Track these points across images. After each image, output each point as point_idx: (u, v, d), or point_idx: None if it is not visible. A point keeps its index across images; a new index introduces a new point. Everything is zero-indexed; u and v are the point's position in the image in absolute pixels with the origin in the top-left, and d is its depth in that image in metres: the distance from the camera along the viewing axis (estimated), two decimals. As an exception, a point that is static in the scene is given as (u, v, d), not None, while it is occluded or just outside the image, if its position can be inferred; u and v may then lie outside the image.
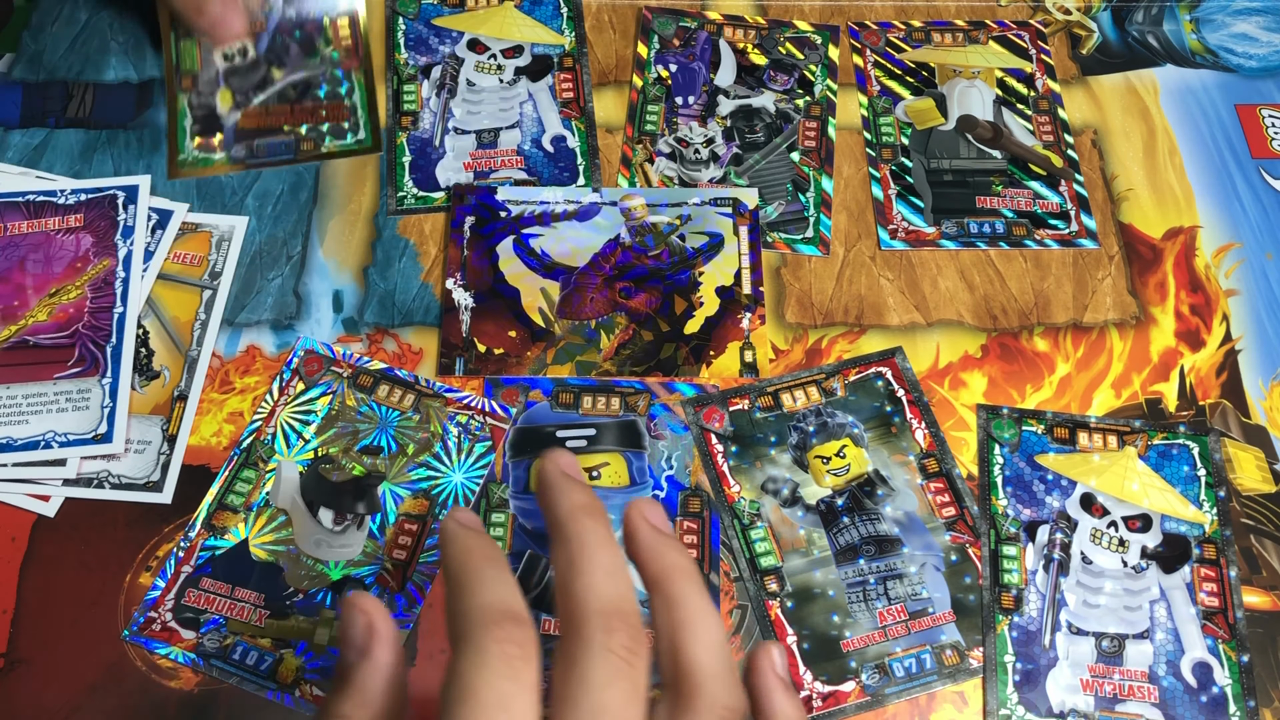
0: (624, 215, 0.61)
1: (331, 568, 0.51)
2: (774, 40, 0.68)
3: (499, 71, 0.66)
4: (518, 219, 0.60)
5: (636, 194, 0.61)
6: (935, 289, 0.60)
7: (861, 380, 0.56)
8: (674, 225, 0.60)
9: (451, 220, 0.60)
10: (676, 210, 0.61)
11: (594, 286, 0.59)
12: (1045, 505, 0.53)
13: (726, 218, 0.61)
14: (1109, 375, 0.58)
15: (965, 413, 0.56)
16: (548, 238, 0.60)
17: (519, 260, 0.59)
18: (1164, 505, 0.53)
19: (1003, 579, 0.51)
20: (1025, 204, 0.63)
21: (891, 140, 0.65)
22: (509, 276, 0.59)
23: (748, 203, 0.61)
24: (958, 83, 0.67)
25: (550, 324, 0.58)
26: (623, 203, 0.61)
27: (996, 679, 0.49)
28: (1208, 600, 0.51)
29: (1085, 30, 0.70)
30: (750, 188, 0.62)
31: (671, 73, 0.67)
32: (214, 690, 0.48)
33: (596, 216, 0.61)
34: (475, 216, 0.60)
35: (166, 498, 0.52)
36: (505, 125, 0.64)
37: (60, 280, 0.57)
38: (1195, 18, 0.71)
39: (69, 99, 0.65)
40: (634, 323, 0.58)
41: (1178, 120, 0.66)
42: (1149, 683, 0.49)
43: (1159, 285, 0.61)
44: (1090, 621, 0.50)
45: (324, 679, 0.48)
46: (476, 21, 0.68)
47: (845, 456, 0.54)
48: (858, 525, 0.52)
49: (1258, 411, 0.57)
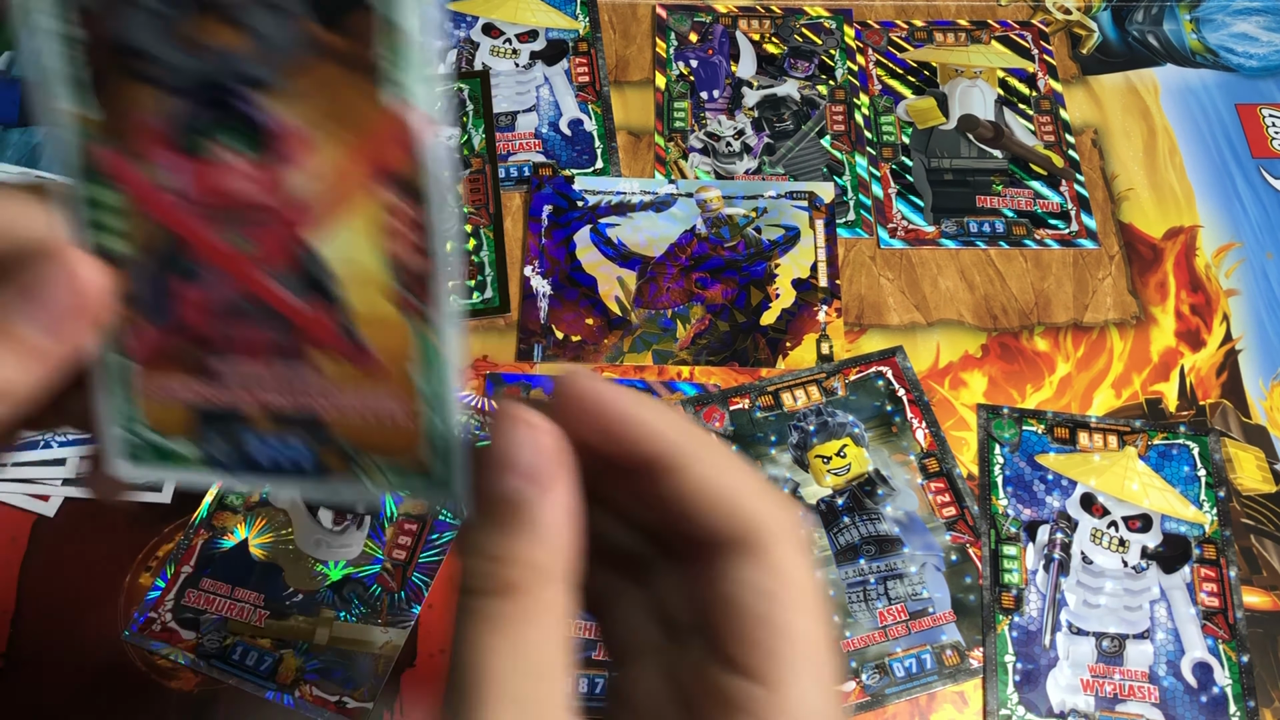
0: (700, 207, 0.61)
1: (331, 568, 0.51)
2: (789, 28, 0.68)
3: (514, 56, 0.66)
4: (594, 208, 0.61)
5: (713, 186, 0.62)
6: (935, 288, 0.60)
7: (862, 380, 0.56)
8: (750, 218, 0.61)
9: (529, 208, 0.61)
10: (753, 203, 0.61)
11: (670, 276, 0.59)
12: (1045, 505, 0.53)
13: (803, 211, 0.61)
14: (1109, 375, 0.58)
15: (966, 412, 0.56)
16: (624, 227, 0.61)
17: (596, 249, 0.60)
18: (1164, 505, 0.53)
19: (1003, 579, 0.51)
20: (1026, 203, 0.63)
21: (892, 139, 0.65)
22: (585, 265, 0.60)
23: (824, 197, 0.61)
24: (959, 82, 0.67)
25: (627, 312, 0.58)
26: (699, 194, 0.61)
27: (997, 679, 0.49)
28: (1208, 600, 0.51)
29: (1085, 30, 0.70)
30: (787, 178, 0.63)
31: (693, 68, 0.67)
32: (214, 690, 0.48)
33: (673, 208, 0.61)
34: (553, 205, 0.61)
35: (166, 497, 0.52)
36: (522, 109, 0.65)
37: (60, 279, 0.57)
38: (1195, 17, 0.71)
39: (68, 98, 0.65)
40: (710, 313, 0.58)
41: (1178, 120, 0.66)
42: (1149, 683, 0.49)
43: (1159, 285, 0.61)
44: (1090, 621, 0.50)
45: (323, 680, 0.48)
46: (491, 6, 0.68)
47: (846, 456, 0.54)
48: (858, 525, 0.52)
49: (1258, 411, 0.57)
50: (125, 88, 0.27)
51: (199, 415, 0.29)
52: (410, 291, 0.27)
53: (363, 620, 0.49)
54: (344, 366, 0.28)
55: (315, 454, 0.29)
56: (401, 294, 0.27)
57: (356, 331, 0.28)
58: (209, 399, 0.29)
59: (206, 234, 0.27)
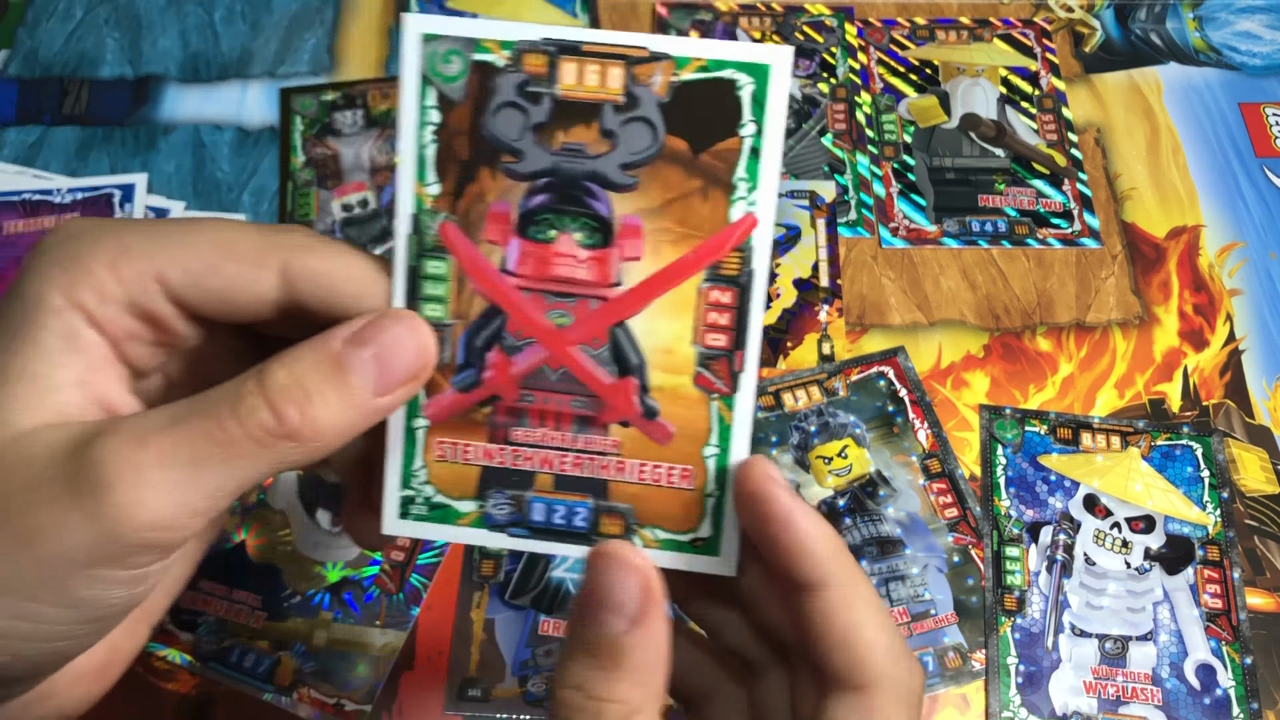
0: None
1: (330, 569, 0.50)
2: (791, 26, 0.68)
3: None
4: None
5: None
6: (937, 288, 0.60)
7: (864, 380, 0.56)
8: None
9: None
10: None
11: None
12: (1048, 506, 0.53)
13: (804, 210, 0.61)
14: (1112, 375, 0.57)
15: (968, 413, 0.56)
16: None
17: None
18: (1167, 506, 0.53)
19: (1005, 580, 0.51)
20: (1028, 203, 0.62)
21: (894, 138, 0.64)
22: None
23: (825, 196, 0.61)
24: (961, 80, 0.67)
25: None
26: None
27: (999, 681, 0.49)
28: (1211, 602, 0.51)
29: (1088, 28, 0.70)
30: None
31: None
32: (211, 693, 0.48)
33: None
34: None
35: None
36: None
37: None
38: (1199, 15, 0.70)
39: (65, 96, 0.64)
40: None
41: (1181, 119, 0.66)
42: (1152, 685, 0.49)
43: (1162, 285, 0.60)
44: (1093, 623, 0.50)
45: (321, 682, 0.48)
46: (491, 4, 0.68)
47: (847, 457, 0.54)
48: (860, 526, 0.52)
49: (1261, 412, 0.56)
50: (478, 172, 0.29)
51: (486, 476, 0.30)
52: (715, 374, 0.29)
53: (361, 622, 0.49)
54: (638, 438, 0.30)
55: (594, 518, 0.30)
56: (707, 376, 0.29)
57: (657, 407, 0.30)
58: (501, 462, 0.30)
59: (528, 309, 0.29)
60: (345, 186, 0.61)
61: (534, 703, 0.47)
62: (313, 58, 0.66)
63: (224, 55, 0.66)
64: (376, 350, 0.28)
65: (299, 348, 0.27)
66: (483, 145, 0.29)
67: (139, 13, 0.68)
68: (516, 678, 0.48)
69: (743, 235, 0.29)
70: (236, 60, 0.66)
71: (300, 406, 0.26)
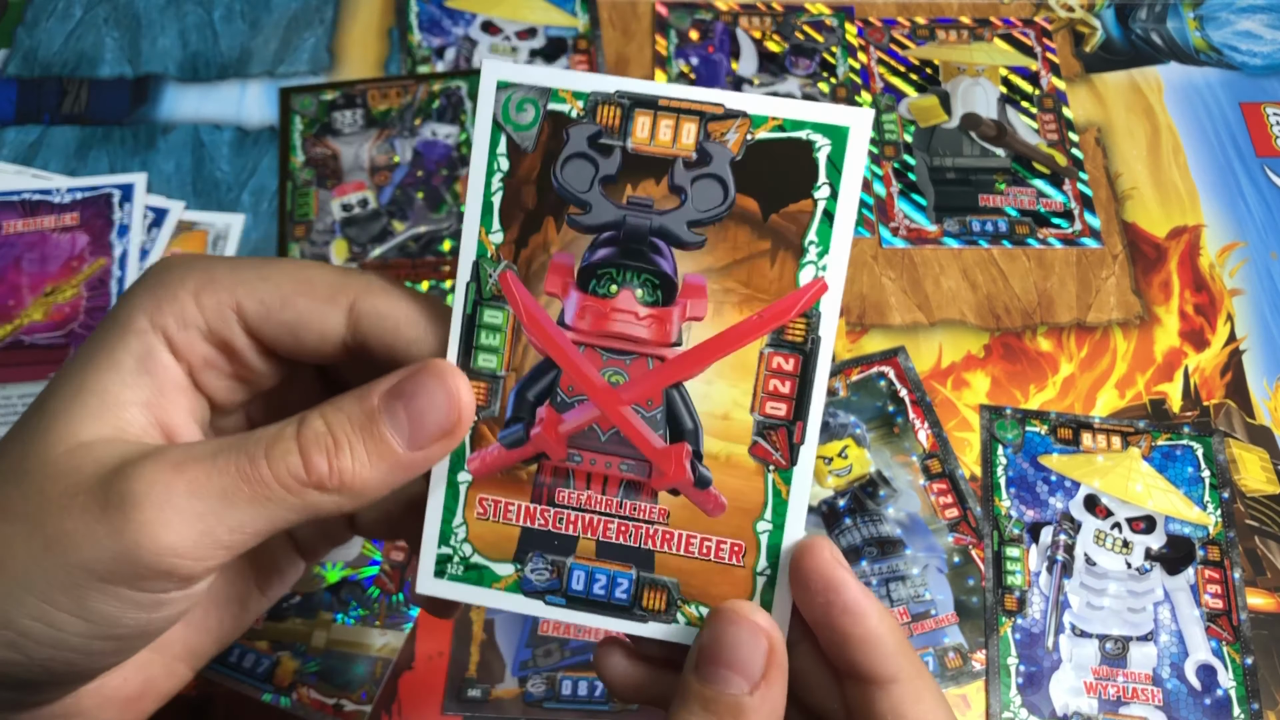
0: None
1: (329, 569, 0.50)
2: (791, 25, 0.68)
3: (513, 53, 0.66)
4: None
5: None
6: (938, 288, 0.60)
7: (864, 380, 0.56)
8: None
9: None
10: None
11: None
12: (1049, 506, 0.53)
13: None
14: (1113, 375, 0.57)
15: (968, 413, 0.56)
16: None
17: None
18: (1168, 507, 0.53)
19: (1006, 581, 0.51)
20: (1029, 202, 0.62)
21: (894, 137, 0.64)
22: None
23: None
24: (962, 80, 0.67)
25: None
26: None
27: (999, 682, 0.49)
28: (1212, 602, 0.51)
29: (1089, 27, 0.70)
30: None
31: (694, 66, 0.66)
32: (210, 693, 0.48)
33: None
34: None
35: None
36: None
37: (55, 279, 0.56)
38: (1199, 15, 0.70)
39: (64, 95, 0.64)
40: None
41: (1182, 118, 0.66)
42: (1153, 685, 0.49)
43: (1163, 285, 0.60)
44: (1094, 623, 0.50)
45: (321, 682, 0.48)
46: (490, 3, 0.68)
47: (847, 457, 0.54)
48: (860, 526, 0.52)
49: (1262, 412, 0.56)
50: (543, 222, 0.28)
51: (526, 538, 0.29)
52: (773, 445, 0.28)
53: (360, 622, 0.49)
54: (688, 508, 0.29)
55: (636, 590, 0.29)
56: (764, 447, 0.28)
57: (709, 476, 0.29)
58: (543, 524, 0.29)
59: (582, 364, 0.28)
60: (345, 186, 0.61)
61: (533, 703, 0.47)
62: (312, 57, 0.66)
63: (223, 55, 0.66)
64: (411, 402, 0.27)
65: (344, 396, 0.27)
66: (550, 195, 0.28)
67: (138, 12, 0.68)
68: (516, 678, 0.48)
69: (811, 300, 0.28)
70: (236, 60, 0.66)
71: (330, 456, 0.26)
